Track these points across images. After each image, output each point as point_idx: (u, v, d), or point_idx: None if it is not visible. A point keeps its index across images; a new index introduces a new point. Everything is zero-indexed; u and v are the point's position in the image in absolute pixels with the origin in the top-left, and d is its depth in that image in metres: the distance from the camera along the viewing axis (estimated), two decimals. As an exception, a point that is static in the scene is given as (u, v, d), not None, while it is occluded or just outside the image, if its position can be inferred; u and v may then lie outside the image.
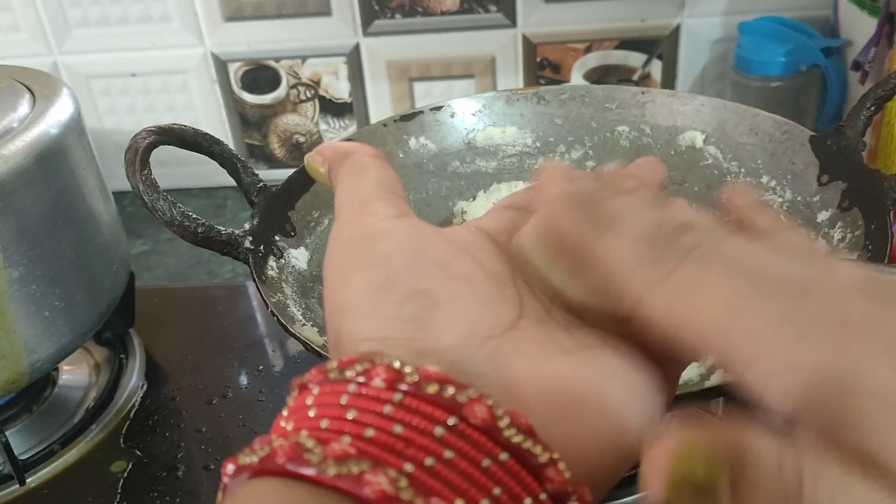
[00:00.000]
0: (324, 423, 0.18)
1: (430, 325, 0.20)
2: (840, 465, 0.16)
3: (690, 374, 0.45)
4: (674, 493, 0.17)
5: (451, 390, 0.18)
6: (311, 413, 0.19)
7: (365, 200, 0.23)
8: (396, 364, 0.19)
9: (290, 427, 0.19)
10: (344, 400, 0.18)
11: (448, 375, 0.18)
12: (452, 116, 0.58)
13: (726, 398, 0.51)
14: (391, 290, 0.20)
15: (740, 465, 0.16)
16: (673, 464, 0.16)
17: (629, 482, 0.50)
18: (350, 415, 0.18)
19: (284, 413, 0.20)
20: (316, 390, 0.19)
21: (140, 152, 0.44)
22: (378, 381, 0.18)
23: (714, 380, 0.41)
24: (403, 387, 0.18)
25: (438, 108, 0.58)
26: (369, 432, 0.18)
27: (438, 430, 0.18)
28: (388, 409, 0.18)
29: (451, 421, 0.18)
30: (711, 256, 0.19)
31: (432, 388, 0.18)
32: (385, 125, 0.56)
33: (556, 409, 0.19)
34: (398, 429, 0.18)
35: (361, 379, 0.19)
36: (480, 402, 0.18)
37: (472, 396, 0.18)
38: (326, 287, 0.22)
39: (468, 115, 0.58)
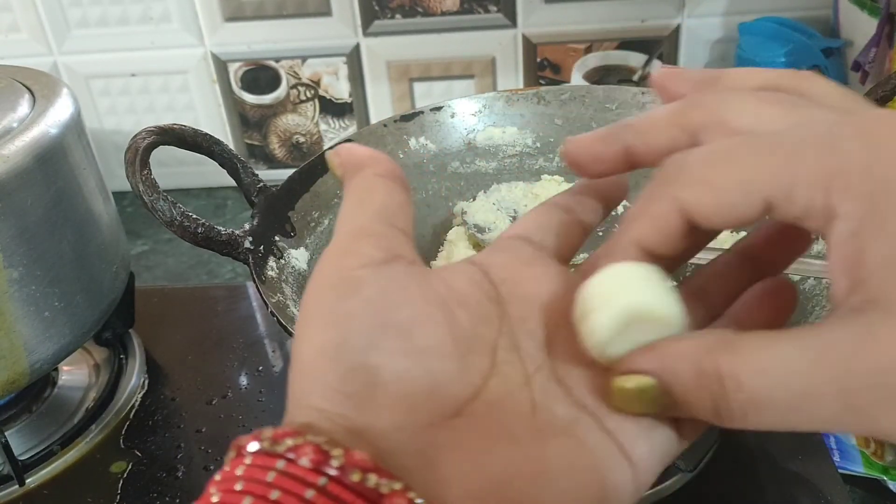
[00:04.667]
0: (246, 502, 0.18)
1: (370, 404, 0.20)
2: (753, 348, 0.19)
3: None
4: (620, 397, 0.21)
5: (373, 479, 0.18)
6: (238, 486, 0.19)
7: (355, 235, 0.22)
8: (325, 445, 0.19)
9: (216, 499, 0.19)
10: (270, 477, 0.18)
11: (374, 463, 0.18)
12: (452, 117, 0.58)
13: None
14: (341, 359, 0.20)
15: (671, 374, 0.20)
16: (618, 378, 0.21)
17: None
18: (273, 495, 0.18)
19: (217, 477, 0.20)
20: (248, 459, 0.19)
21: (140, 152, 0.44)
22: (305, 461, 0.18)
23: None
24: (329, 470, 0.18)
25: (438, 109, 0.58)
26: None
27: None
28: (310, 493, 0.18)
29: None
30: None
31: (356, 476, 0.18)
32: (385, 125, 0.56)
33: None
34: None
35: (291, 455, 0.19)
36: (402, 496, 0.18)
37: (395, 488, 0.18)
38: (295, 333, 0.22)
39: (468, 116, 0.58)
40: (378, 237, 0.22)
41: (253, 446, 0.19)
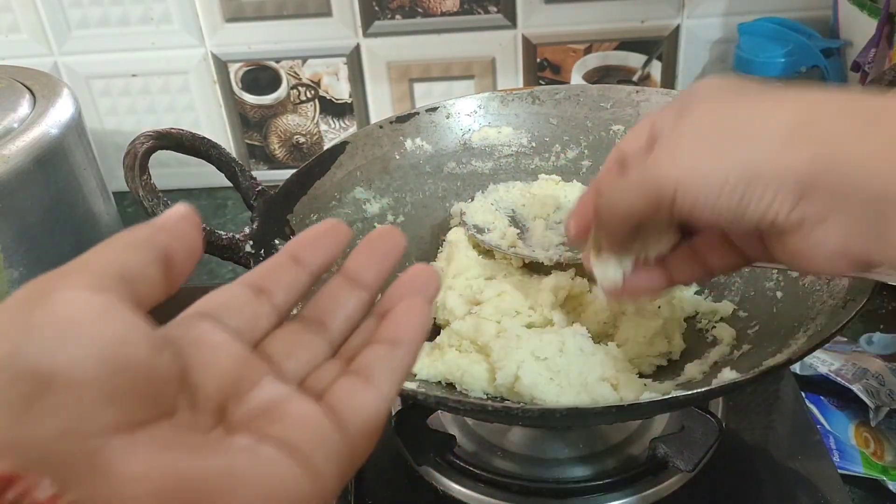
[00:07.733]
0: None
1: (34, 412, 0.19)
2: None
3: (693, 371, 0.44)
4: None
5: (11, 494, 0.18)
6: None
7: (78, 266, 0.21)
8: None
9: None
10: None
11: (14, 474, 0.18)
12: (448, 117, 0.58)
13: (729, 398, 0.51)
14: (8, 368, 0.19)
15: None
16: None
17: (625, 485, 0.50)
18: None
19: None
20: None
21: (139, 157, 0.44)
22: None
23: (719, 381, 0.41)
24: None
25: (434, 109, 0.58)
26: None
27: None
28: None
29: None
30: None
31: None
32: (381, 126, 0.57)
33: None
34: None
35: None
36: (54, 500, 0.18)
37: (46, 495, 0.18)
38: None
39: (463, 116, 0.58)
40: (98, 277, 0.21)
41: None
